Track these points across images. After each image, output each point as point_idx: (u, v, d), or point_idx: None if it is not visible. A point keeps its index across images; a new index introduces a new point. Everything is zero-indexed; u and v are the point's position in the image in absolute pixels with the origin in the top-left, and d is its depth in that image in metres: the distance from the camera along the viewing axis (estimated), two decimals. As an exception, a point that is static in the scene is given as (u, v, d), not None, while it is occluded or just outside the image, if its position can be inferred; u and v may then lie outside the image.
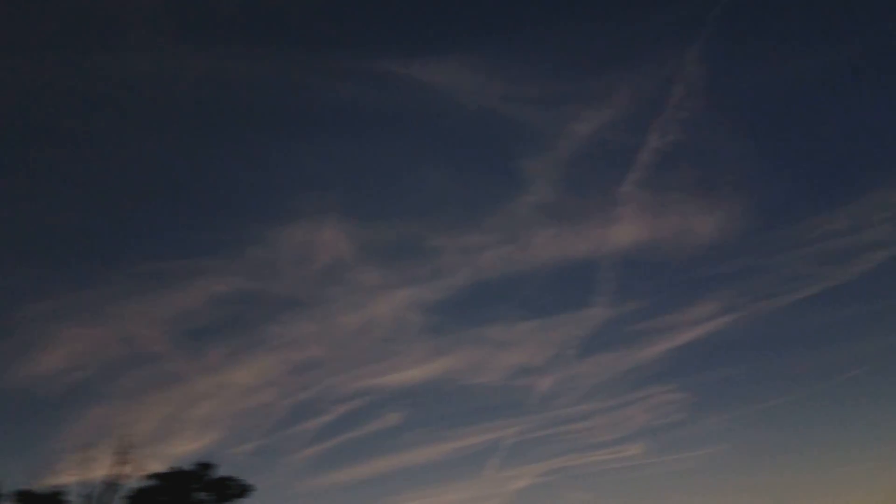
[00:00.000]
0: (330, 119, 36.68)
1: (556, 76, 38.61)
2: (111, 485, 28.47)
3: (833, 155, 36.27)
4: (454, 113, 39.02)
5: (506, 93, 38.82)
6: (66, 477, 27.23)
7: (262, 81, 36.41)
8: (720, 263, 38.96)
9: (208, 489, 29.51)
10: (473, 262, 41.37)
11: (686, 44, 35.16)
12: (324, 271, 38.99)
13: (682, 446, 39.77)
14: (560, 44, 38.37)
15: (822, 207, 36.23)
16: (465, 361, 42.94)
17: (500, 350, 43.31)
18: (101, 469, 27.41)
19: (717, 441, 38.91)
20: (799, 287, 36.75)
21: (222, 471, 30.30)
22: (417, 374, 42.01)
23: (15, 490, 28.43)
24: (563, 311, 43.20)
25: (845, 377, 35.97)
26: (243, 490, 30.06)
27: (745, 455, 36.99)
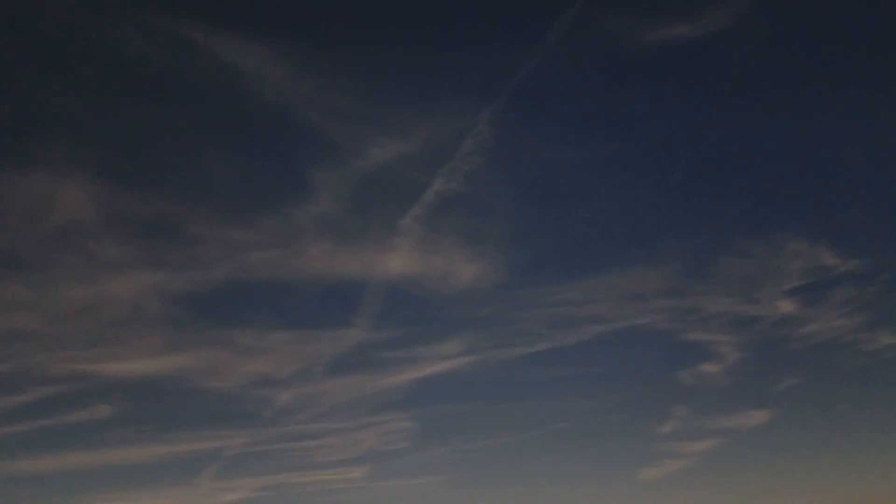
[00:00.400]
0: (109, 69, 35.96)
1: (367, 96, 40.08)
2: None
3: (580, 236, 41.23)
4: (253, 101, 39.10)
5: (313, 97, 39.30)
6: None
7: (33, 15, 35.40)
8: (472, 308, 43.00)
9: None
10: (237, 260, 41.49)
11: (484, 103, 38.19)
12: (56, 233, 37.72)
13: (405, 473, 43.32)
14: (380, 66, 39.76)
15: (562, 278, 41.53)
16: (202, 362, 42.68)
17: (246, 356, 43.63)
18: None
19: (437, 471, 43.17)
20: (530, 342, 42.23)
21: None
22: (144, 368, 41.24)
23: None
24: (320, 328, 44.63)
25: (552, 428, 41.52)
26: None
27: (462, 486, 42.14)
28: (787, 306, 40.56)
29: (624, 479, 40.24)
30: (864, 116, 39.25)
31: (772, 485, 38.54)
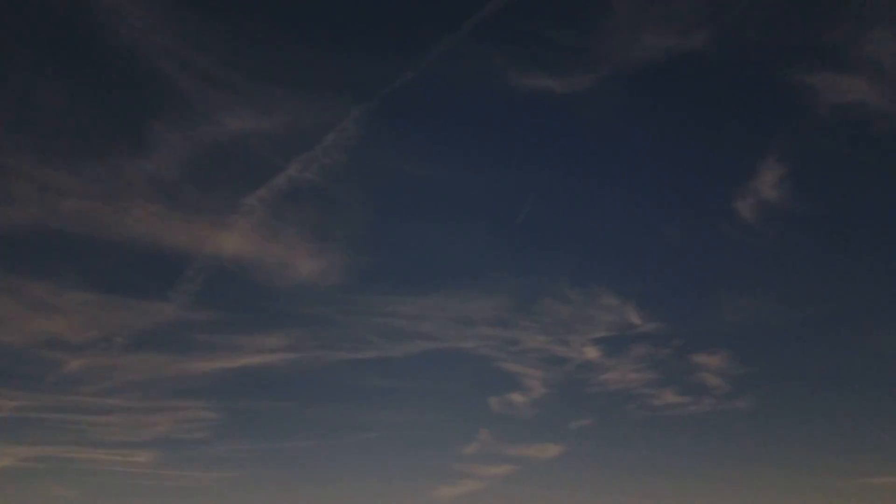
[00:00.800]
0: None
1: (236, 61, 39.39)
2: None
3: (424, 252, 45.62)
4: (104, 34, 36.73)
5: (174, 47, 38.12)
6: None
7: None
8: (304, 305, 44.00)
9: None
10: (48, 204, 39.35)
11: (356, 102, 39.88)
12: None
13: (197, 465, 43.45)
14: (258, 37, 39.62)
15: (399, 290, 45.20)
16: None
17: (37, 312, 41.49)
18: None
19: (233, 467, 43.65)
20: (356, 349, 44.15)
21: None
22: None
23: None
24: (130, 296, 41.94)
25: (361, 437, 44.75)
26: None
27: (256, 485, 42.90)
28: (592, 353, 43.78)
29: (420, 495, 40.87)
30: (683, 200, 43.92)
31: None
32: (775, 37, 39.30)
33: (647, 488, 41.34)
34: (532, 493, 41.54)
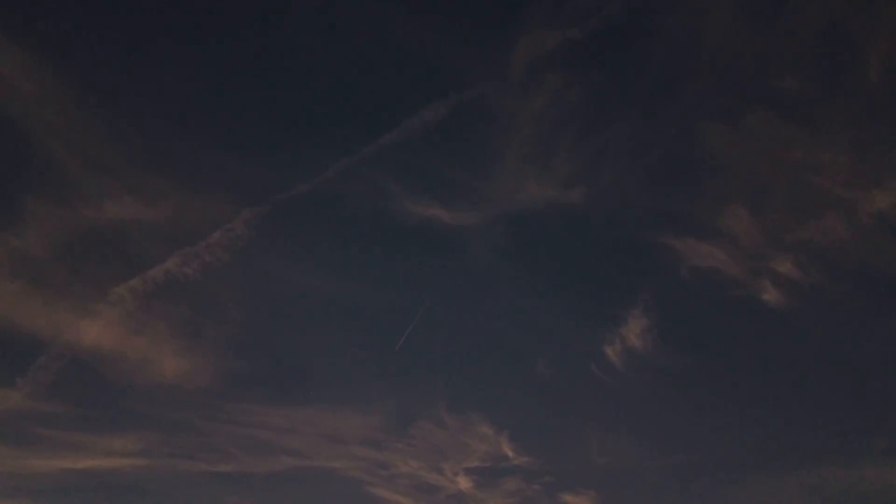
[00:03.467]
0: None
1: (124, 147, 39.34)
2: None
3: (300, 363, 45.01)
4: None
5: (61, 126, 38.33)
6: None
7: None
8: (164, 407, 41.75)
9: None
10: None
11: (247, 204, 40.58)
12: None
13: None
14: (152, 124, 40.08)
15: (270, 400, 44.72)
16: None
17: None
18: None
19: None
20: (214, 460, 42.18)
21: None
22: None
23: None
24: None
25: None
26: None
27: None
28: (465, 483, 42.93)
29: None
30: (557, 338, 45.68)
31: None
32: (645, 202, 43.18)
33: None
34: None
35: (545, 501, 42.83)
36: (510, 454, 43.01)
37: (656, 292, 43.56)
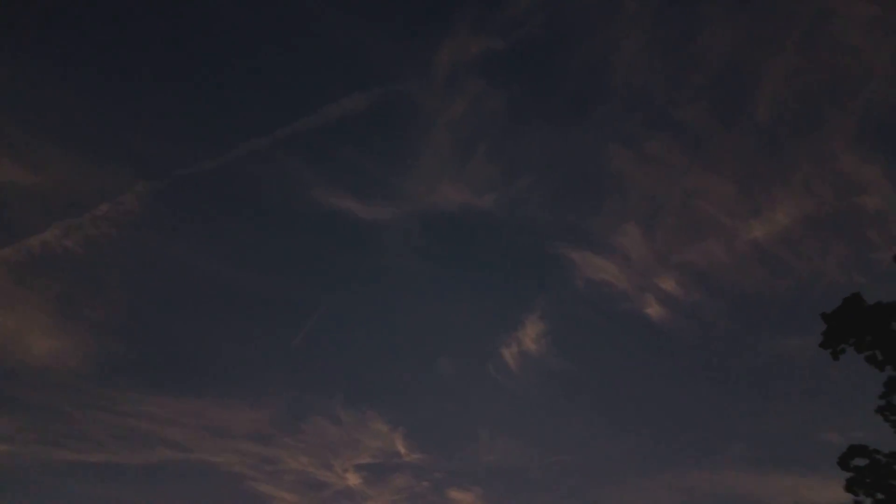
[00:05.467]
0: None
1: (28, 122, 38.12)
2: None
3: (186, 348, 43.30)
4: None
5: None
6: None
7: None
8: (31, 389, 38.75)
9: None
10: None
11: (142, 177, 39.35)
12: None
13: None
14: None
15: (151, 388, 41.67)
16: None
17: None
18: None
19: None
20: (85, 449, 38.02)
21: None
22: None
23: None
24: None
25: None
26: None
27: None
28: (354, 479, 42.38)
29: None
30: (458, 338, 46.51)
31: None
32: (551, 213, 45.12)
33: None
34: None
35: (432, 497, 43.31)
36: (403, 451, 43.08)
37: (553, 300, 45.59)
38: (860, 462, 15.82)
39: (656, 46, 41.61)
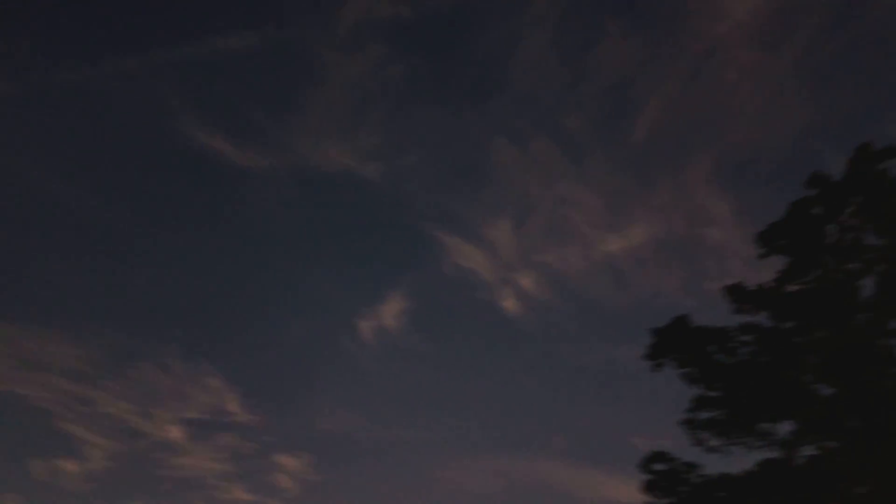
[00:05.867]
0: None
1: None
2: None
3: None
4: None
5: None
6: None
7: None
8: None
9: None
10: None
11: None
12: None
13: None
14: None
15: None
16: None
17: None
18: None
19: None
20: None
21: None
22: None
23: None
24: None
25: None
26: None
27: None
28: (176, 433, 40.47)
29: None
30: (315, 304, 45.60)
31: None
32: (429, 195, 45.18)
33: None
34: None
35: (257, 460, 42.40)
36: (235, 410, 41.75)
37: (419, 280, 45.88)
38: (659, 467, 17.20)
39: (557, 48, 42.45)
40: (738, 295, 16.93)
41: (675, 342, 17.24)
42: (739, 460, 16.99)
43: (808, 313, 16.21)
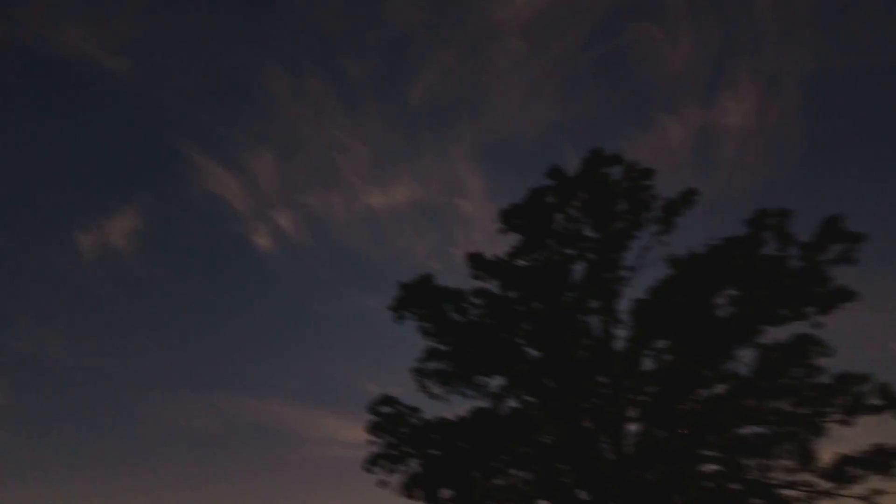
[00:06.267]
0: None
1: None
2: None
3: None
4: None
5: None
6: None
7: None
8: None
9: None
10: None
11: None
12: None
13: None
14: None
15: None
16: None
17: None
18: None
19: None
20: None
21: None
22: None
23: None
24: None
25: None
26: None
27: None
28: None
29: None
30: (30, 204, 40.78)
31: None
32: (185, 106, 42.39)
33: None
34: None
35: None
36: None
37: (160, 199, 42.92)
38: (386, 409, 18.79)
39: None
40: (476, 263, 18.94)
41: (417, 298, 18.82)
42: (457, 407, 19.22)
43: (528, 286, 18.71)
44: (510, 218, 18.72)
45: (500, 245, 19.52)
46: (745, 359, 18.12)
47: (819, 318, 17.88)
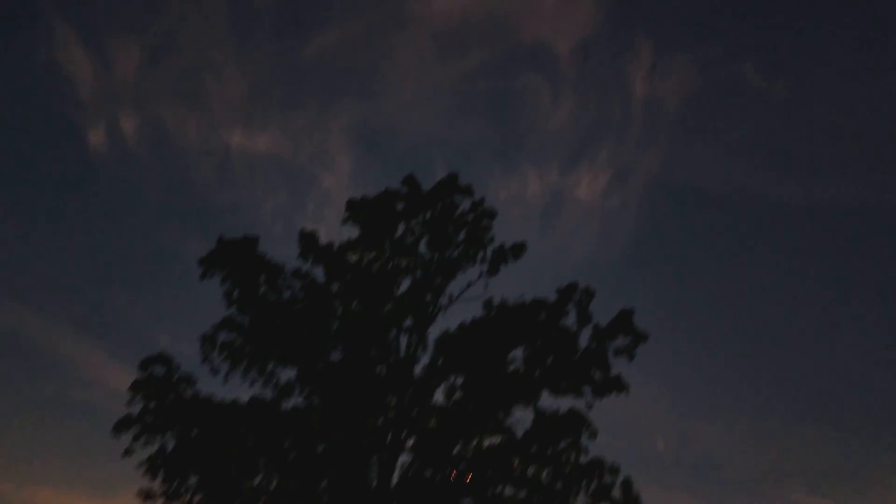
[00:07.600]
0: None
1: None
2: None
3: None
4: None
5: None
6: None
7: None
8: None
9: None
10: None
11: None
12: None
13: None
14: None
15: None
16: None
17: None
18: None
19: None
20: None
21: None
22: None
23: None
24: None
25: None
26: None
27: None
28: None
29: None
30: None
31: None
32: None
33: None
34: None
35: None
36: None
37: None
38: (157, 370, 16.12)
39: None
40: (307, 243, 17.79)
41: (233, 258, 16.98)
42: (237, 391, 17.11)
43: (352, 284, 17.83)
44: (356, 209, 18.00)
45: (342, 233, 18.50)
46: (522, 419, 18.44)
47: (593, 399, 18.64)
